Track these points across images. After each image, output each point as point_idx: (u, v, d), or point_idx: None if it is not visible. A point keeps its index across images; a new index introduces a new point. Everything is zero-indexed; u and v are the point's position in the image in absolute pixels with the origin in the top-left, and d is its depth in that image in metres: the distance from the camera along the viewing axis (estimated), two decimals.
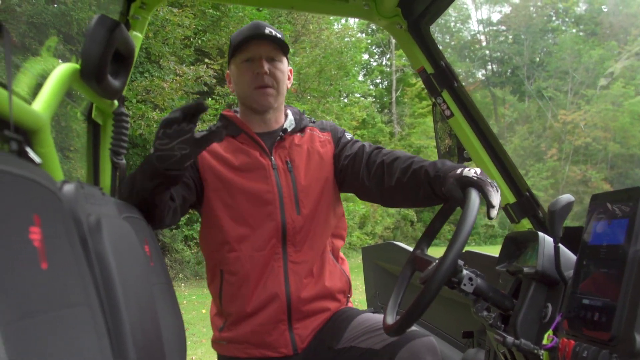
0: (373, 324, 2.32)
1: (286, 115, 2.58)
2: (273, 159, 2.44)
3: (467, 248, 1.94)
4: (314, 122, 2.62)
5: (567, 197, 1.87)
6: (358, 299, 8.76)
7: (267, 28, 2.41)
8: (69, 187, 1.36)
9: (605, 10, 40.83)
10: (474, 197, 1.81)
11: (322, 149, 2.51)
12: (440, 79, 2.68)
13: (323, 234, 2.48)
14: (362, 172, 2.39)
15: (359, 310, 2.50)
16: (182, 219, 2.39)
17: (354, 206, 18.99)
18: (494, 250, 2.60)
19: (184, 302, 11.25)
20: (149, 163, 2.00)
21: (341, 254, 2.64)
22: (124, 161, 2.41)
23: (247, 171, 2.42)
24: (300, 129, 2.54)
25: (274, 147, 2.46)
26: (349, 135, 2.58)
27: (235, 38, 2.45)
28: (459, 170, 1.96)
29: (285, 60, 2.49)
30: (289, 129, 2.52)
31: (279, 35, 2.43)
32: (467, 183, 1.88)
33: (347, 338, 2.33)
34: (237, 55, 2.43)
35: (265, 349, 2.42)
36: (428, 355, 2.11)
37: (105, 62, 1.99)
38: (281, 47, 2.43)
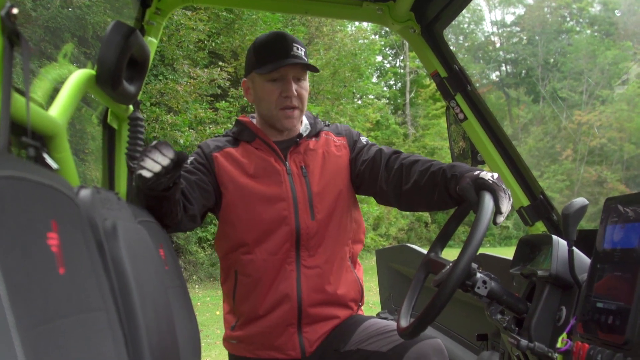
0: (380, 328, 2.33)
1: (301, 121, 2.57)
2: (288, 165, 2.45)
3: (481, 249, 1.94)
4: (328, 125, 2.62)
5: (581, 201, 1.87)
6: (372, 300, 8.75)
7: (294, 45, 2.38)
8: (85, 193, 1.37)
9: (619, 13, 40.56)
10: (488, 200, 1.81)
11: (337, 153, 2.51)
12: (454, 82, 2.68)
13: (339, 240, 2.48)
14: (381, 177, 2.39)
15: (367, 316, 2.51)
16: None
17: (368, 208, 18.94)
18: (508, 252, 2.60)
19: (198, 303, 11.27)
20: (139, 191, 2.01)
21: (358, 260, 2.64)
22: None
23: (262, 177, 2.43)
24: (315, 133, 2.54)
25: (289, 152, 2.47)
26: (364, 139, 2.57)
27: (261, 52, 2.41)
28: (475, 172, 1.97)
29: (307, 76, 2.47)
30: (304, 134, 2.52)
31: (303, 52, 2.41)
32: (482, 185, 1.89)
33: (354, 341, 2.35)
34: (264, 74, 2.38)
35: (273, 351, 2.44)
36: (435, 357, 2.12)
37: (121, 68, 2.00)
38: (307, 67, 2.41)
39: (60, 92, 1.82)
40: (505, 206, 1.86)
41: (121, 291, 1.33)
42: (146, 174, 1.83)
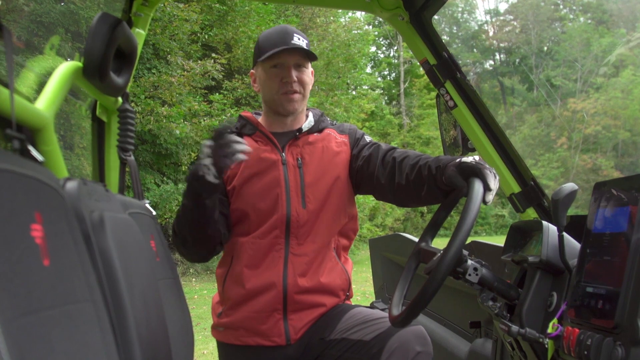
0: (365, 317, 2.36)
1: (306, 117, 2.63)
2: (284, 155, 2.50)
3: (477, 238, 1.93)
4: (334, 124, 2.67)
5: (570, 186, 1.87)
6: (369, 291, 8.78)
7: (295, 35, 2.47)
8: (71, 184, 1.37)
9: None
10: (477, 186, 1.81)
11: (337, 149, 2.55)
12: (443, 70, 2.68)
13: (328, 231, 2.51)
14: (378, 171, 2.42)
15: (353, 305, 2.55)
16: None
17: (363, 199, 18.91)
18: (503, 240, 2.60)
19: (195, 296, 11.27)
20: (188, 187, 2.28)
21: (346, 255, 2.66)
22: (132, 157, 2.43)
23: (258, 166, 2.48)
24: (318, 129, 2.59)
25: (287, 145, 2.52)
26: (368, 138, 2.61)
27: (263, 43, 2.49)
28: (458, 159, 1.99)
29: (310, 65, 2.56)
30: (305, 129, 2.57)
31: (305, 43, 2.50)
32: (466, 169, 1.91)
33: (339, 330, 2.38)
34: (266, 61, 2.46)
35: (258, 337, 2.46)
36: (417, 345, 2.13)
37: (108, 59, 1.99)
38: (308, 55, 2.49)
39: (47, 85, 1.81)
40: (493, 183, 1.86)
41: (109, 282, 1.32)
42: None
